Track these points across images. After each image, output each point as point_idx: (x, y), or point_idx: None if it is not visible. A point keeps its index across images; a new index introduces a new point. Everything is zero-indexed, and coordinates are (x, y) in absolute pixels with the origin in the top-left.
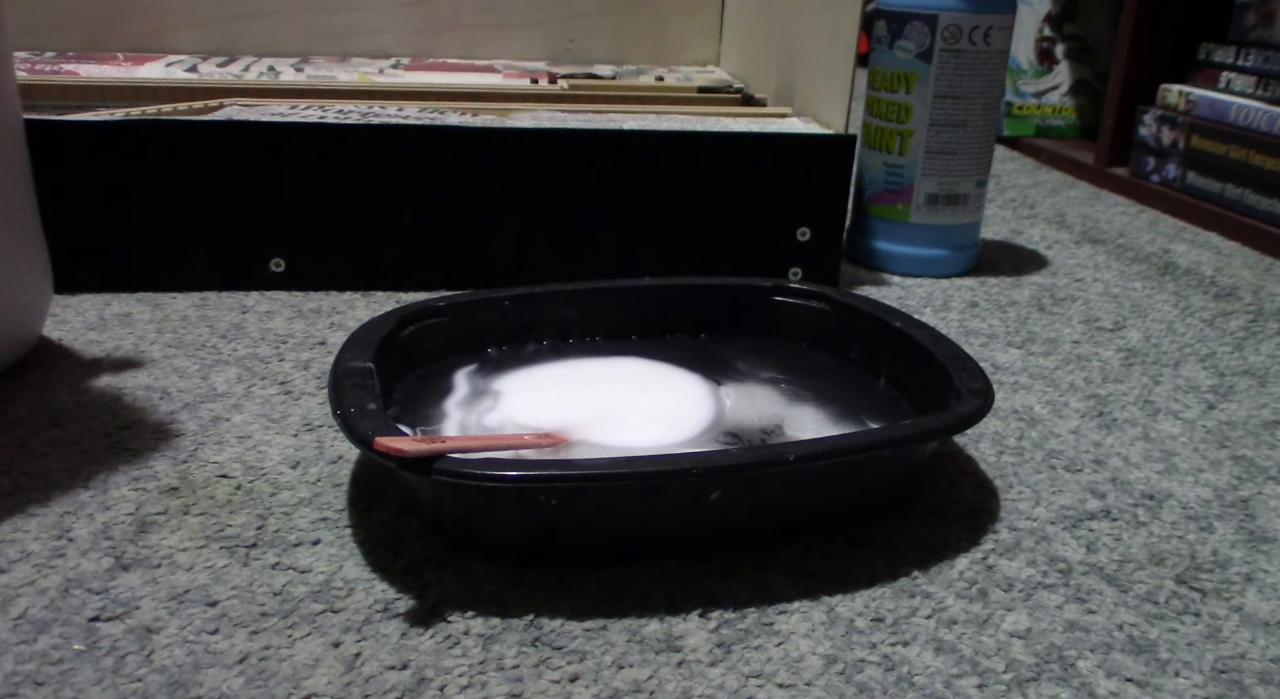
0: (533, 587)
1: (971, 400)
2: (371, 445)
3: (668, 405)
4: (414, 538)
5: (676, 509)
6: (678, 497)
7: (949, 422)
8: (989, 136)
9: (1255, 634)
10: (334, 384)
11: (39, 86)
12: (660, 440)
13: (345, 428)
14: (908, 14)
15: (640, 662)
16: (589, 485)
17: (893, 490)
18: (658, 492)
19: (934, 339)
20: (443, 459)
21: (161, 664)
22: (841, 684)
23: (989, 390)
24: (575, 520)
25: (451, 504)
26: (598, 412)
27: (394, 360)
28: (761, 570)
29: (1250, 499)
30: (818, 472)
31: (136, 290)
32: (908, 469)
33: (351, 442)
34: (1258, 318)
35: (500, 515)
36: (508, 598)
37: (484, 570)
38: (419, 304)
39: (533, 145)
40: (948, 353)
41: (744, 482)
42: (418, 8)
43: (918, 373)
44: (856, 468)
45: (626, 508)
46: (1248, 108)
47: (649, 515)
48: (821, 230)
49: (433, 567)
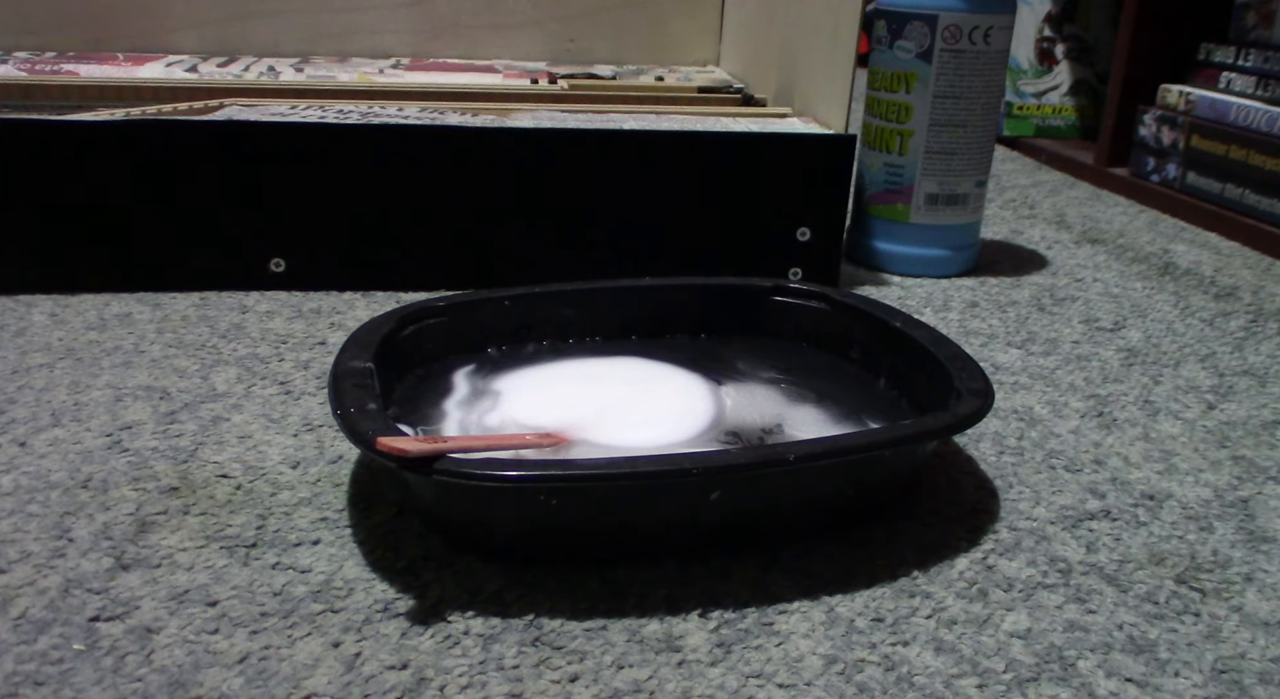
0: (533, 587)
1: (971, 400)
2: (373, 445)
3: (668, 405)
4: (414, 538)
5: (676, 509)
6: (678, 497)
7: (949, 422)
8: (989, 136)
9: (1255, 634)
10: (334, 384)
11: (39, 86)
12: (660, 440)
13: (346, 428)
14: (908, 14)
15: (640, 662)
16: (589, 485)
17: (893, 490)
18: (658, 492)
19: (934, 339)
20: (443, 459)
21: (161, 664)
22: (841, 684)
23: (989, 390)
24: (575, 520)
25: (452, 504)
26: (598, 411)
27: (394, 360)
28: (761, 570)
29: (1250, 499)
30: (818, 472)
31: (136, 290)
32: (908, 469)
33: (352, 442)
34: (1258, 318)
35: (501, 515)
36: (508, 598)
37: (484, 570)
38: (419, 304)
39: (533, 145)
40: (948, 353)
41: (744, 482)
42: (418, 8)
43: (918, 373)
44: (856, 468)
45: (627, 508)
46: (1248, 108)
47: (649, 515)
48: (821, 230)
49: (433, 567)
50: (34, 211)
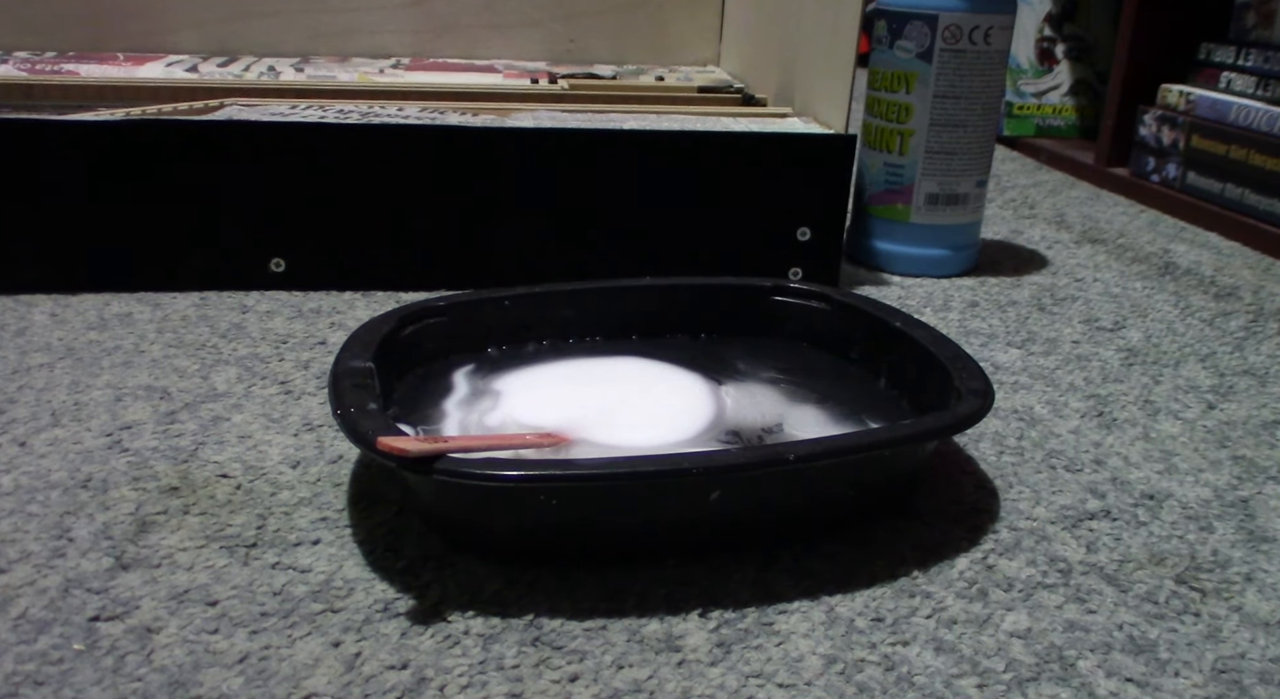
0: (533, 587)
1: (971, 400)
2: (374, 445)
3: (668, 405)
4: (414, 538)
5: (676, 509)
6: (678, 497)
7: (949, 421)
8: (989, 136)
9: (1255, 634)
10: (334, 384)
11: (39, 86)
12: (660, 440)
13: (346, 428)
14: (908, 14)
15: (640, 662)
16: (589, 485)
17: (893, 490)
18: (658, 492)
19: (934, 339)
20: (443, 459)
21: (161, 664)
22: (841, 684)
23: (989, 390)
24: (575, 520)
25: (452, 504)
26: (598, 411)
27: (394, 360)
28: (761, 570)
29: (1250, 499)
30: (818, 471)
31: (136, 290)
32: (908, 469)
33: (353, 441)
34: (1258, 318)
35: (501, 515)
36: (508, 598)
37: (484, 570)
38: (419, 304)
39: (533, 145)
40: (948, 353)
41: (744, 482)
42: (418, 8)
43: (918, 373)
44: (856, 468)
45: (627, 508)
46: (1248, 108)
47: (649, 515)
48: (821, 230)
49: (432, 567)
50: (34, 211)
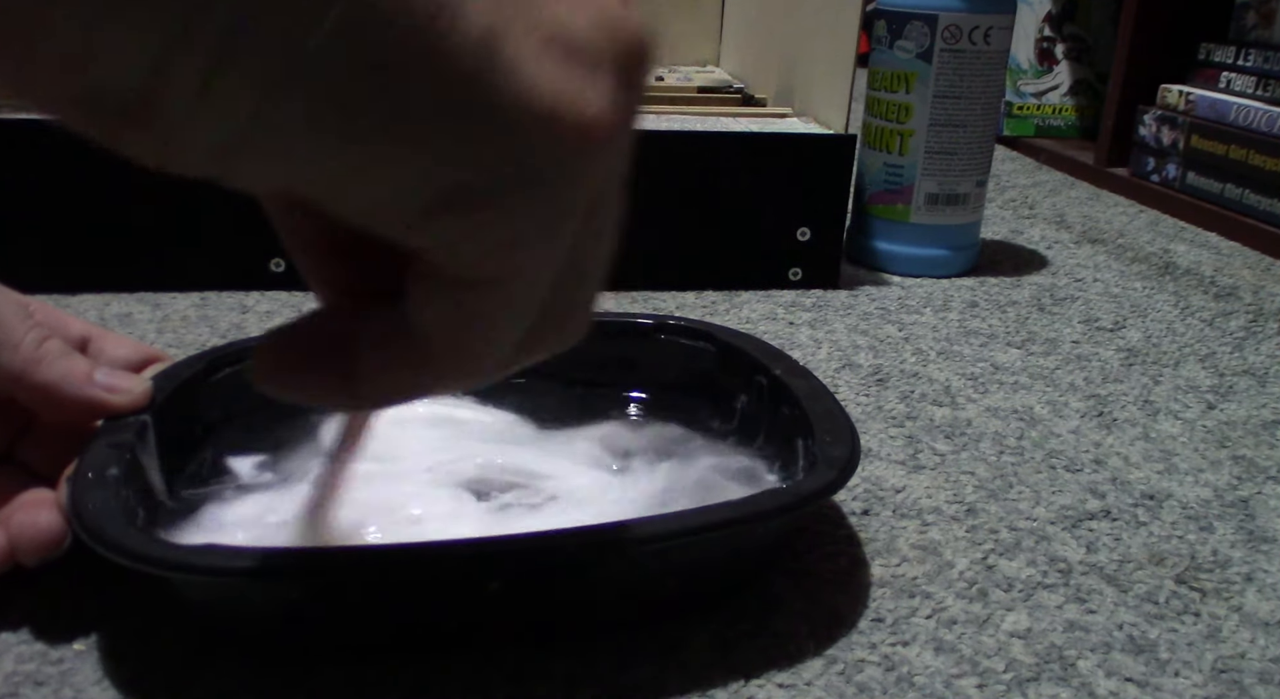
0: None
1: (824, 472)
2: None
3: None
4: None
5: (447, 601)
6: (445, 587)
7: (776, 504)
8: (989, 136)
9: (1255, 634)
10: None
11: None
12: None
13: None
14: (908, 14)
15: (640, 661)
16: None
17: (731, 573)
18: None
19: (811, 391)
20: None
21: None
22: (841, 684)
23: (851, 459)
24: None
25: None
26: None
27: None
28: (761, 570)
29: (1250, 499)
30: (597, 564)
31: (136, 290)
32: (743, 551)
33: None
34: (1258, 318)
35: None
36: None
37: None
38: (231, 345)
39: None
40: (820, 408)
41: (524, 573)
42: None
43: (789, 431)
44: (646, 561)
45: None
46: (1248, 108)
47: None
48: (821, 230)
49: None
50: (34, 211)
